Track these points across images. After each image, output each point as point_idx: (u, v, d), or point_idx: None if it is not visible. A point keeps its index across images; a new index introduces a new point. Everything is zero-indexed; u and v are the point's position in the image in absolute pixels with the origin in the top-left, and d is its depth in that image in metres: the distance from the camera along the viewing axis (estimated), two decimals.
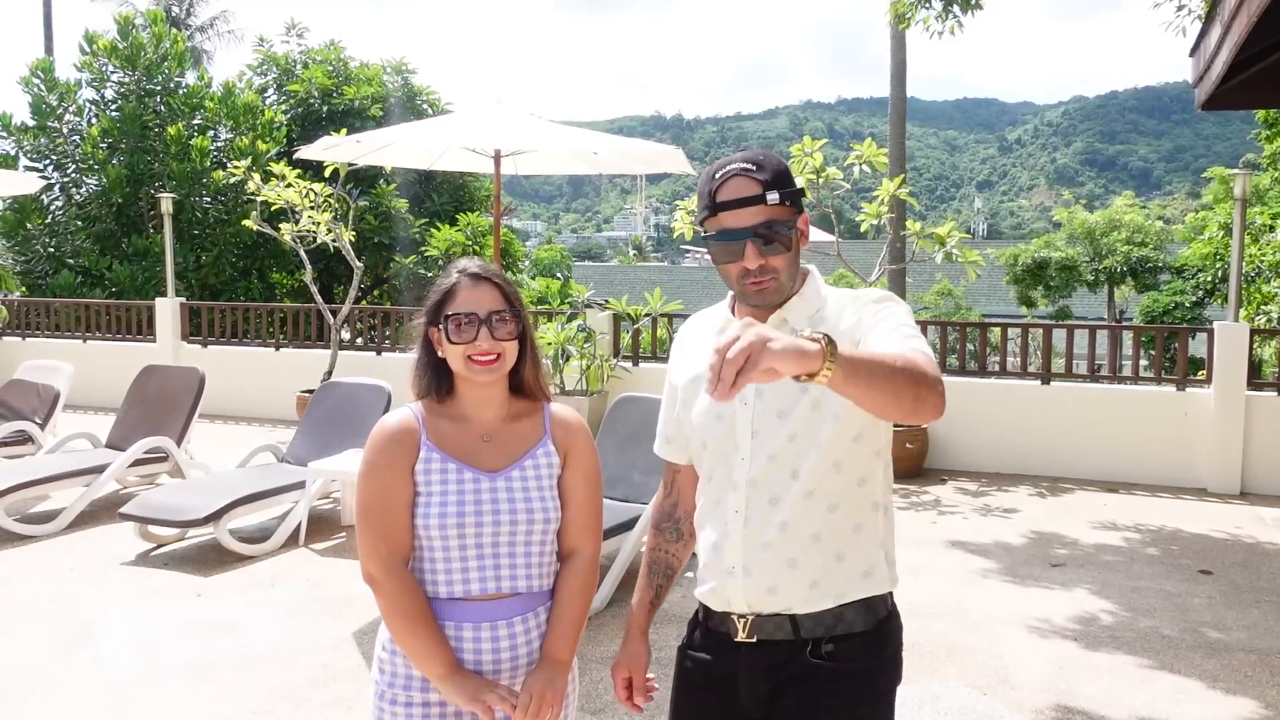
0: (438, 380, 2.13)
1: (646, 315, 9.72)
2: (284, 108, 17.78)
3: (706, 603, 2.06)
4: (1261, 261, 15.95)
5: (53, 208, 16.60)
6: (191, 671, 4.48)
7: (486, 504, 2.05)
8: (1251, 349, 8.59)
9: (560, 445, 2.17)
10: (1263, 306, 14.92)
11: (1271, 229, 16.45)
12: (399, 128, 7.47)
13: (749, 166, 1.91)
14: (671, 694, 2.14)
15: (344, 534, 6.68)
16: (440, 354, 2.10)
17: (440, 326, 2.07)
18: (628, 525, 5.43)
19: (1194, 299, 32.03)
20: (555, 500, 2.12)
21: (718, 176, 1.93)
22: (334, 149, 6.75)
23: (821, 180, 8.14)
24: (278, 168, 10.05)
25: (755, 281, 1.92)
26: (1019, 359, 9.27)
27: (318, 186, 10.05)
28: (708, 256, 1.98)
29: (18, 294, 14.85)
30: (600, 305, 10.20)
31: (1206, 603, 5.57)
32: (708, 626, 2.07)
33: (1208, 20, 4.47)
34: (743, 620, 1.97)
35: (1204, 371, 10.88)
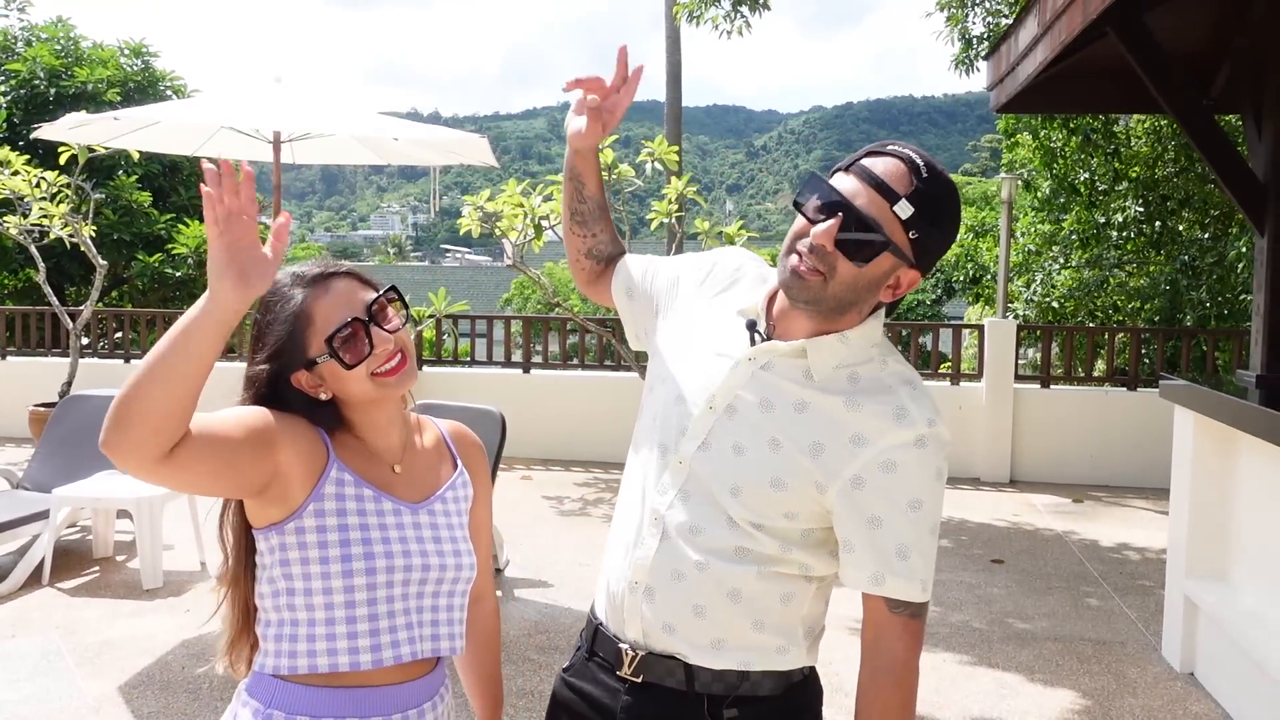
0: (323, 424, 1.61)
1: (430, 316, 9.22)
2: (3, 89, 15.92)
3: (599, 615, 1.74)
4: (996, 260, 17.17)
5: None
6: None
7: (412, 543, 1.61)
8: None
9: (469, 472, 1.78)
10: (1010, 304, 15.97)
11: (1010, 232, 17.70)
12: (164, 105, 6.64)
13: (919, 163, 1.52)
14: None
15: (97, 569, 5.87)
16: (323, 395, 1.59)
17: (324, 358, 1.54)
18: None
19: (933, 297, 34.45)
20: (470, 542, 1.72)
21: (887, 147, 1.56)
22: (83, 127, 5.88)
23: (615, 177, 7.95)
24: (0, 152, 8.87)
25: (804, 259, 1.54)
26: None
27: (51, 175, 8.94)
28: (470, 256, 1.59)
29: None
30: None
31: (1005, 592, 5.73)
32: (593, 648, 1.73)
33: (1018, 21, 4.57)
34: (631, 655, 1.65)
35: (948, 365, 11.52)
